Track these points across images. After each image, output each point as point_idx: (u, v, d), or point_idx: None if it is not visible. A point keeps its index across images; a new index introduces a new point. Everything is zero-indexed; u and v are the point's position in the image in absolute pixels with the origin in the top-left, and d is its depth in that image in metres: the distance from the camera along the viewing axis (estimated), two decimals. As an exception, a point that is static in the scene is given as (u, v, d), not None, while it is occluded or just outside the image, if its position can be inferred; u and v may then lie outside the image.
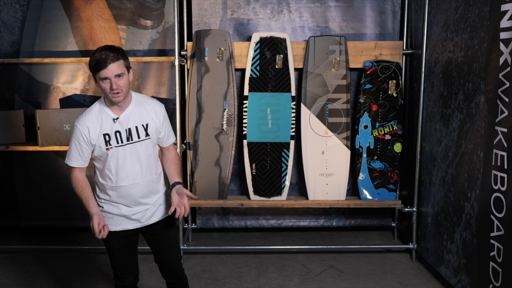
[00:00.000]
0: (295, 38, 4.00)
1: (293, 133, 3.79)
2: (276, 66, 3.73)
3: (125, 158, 2.26)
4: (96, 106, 2.28)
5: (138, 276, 2.52)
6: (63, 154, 4.15)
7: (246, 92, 3.75)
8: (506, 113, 2.39)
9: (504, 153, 2.40)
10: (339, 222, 4.27)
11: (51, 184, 4.18)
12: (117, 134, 2.24)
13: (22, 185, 4.20)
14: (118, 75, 2.14)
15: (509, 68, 2.36)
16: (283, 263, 3.68)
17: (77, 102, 4.08)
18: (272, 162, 3.80)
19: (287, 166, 3.80)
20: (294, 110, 3.77)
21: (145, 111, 2.30)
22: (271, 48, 3.72)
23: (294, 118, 3.78)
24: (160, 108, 2.36)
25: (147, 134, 2.30)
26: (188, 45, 3.79)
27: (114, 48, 2.16)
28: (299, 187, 4.13)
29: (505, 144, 2.40)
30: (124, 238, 2.39)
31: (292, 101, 3.76)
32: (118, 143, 2.24)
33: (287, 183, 3.82)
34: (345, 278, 3.42)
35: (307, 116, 3.78)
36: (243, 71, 3.87)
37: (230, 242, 4.11)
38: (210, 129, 3.74)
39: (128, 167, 2.28)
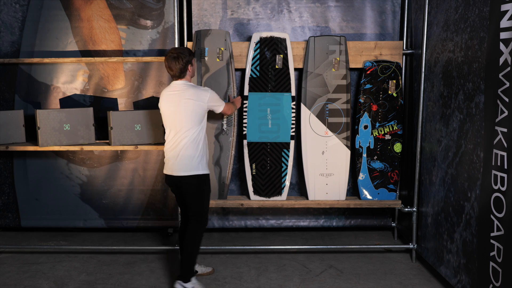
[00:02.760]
0: (295, 38, 4.00)
1: (293, 133, 3.79)
2: (276, 66, 3.73)
3: None
4: (194, 83, 3.34)
5: None
6: (63, 154, 4.16)
7: (246, 92, 3.75)
8: (506, 113, 2.39)
9: (504, 153, 2.40)
10: (339, 222, 4.26)
11: (51, 184, 4.18)
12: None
13: (22, 185, 4.20)
14: None
15: (509, 68, 2.36)
16: (283, 263, 3.68)
17: (77, 102, 4.08)
18: (272, 162, 3.80)
19: (287, 166, 3.80)
20: (294, 110, 3.77)
21: None
22: (271, 48, 3.72)
23: (294, 118, 3.78)
24: None
25: None
26: (188, 45, 3.79)
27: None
28: (299, 187, 4.13)
29: (505, 144, 2.40)
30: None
31: (292, 101, 3.76)
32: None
33: (287, 183, 3.82)
34: (345, 278, 3.42)
35: (307, 116, 3.78)
36: (243, 71, 3.87)
37: (230, 242, 4.11)
38: (210, 129, 3.73)
39: None
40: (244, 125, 3.77)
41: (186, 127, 3.03)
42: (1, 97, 4.08)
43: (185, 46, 3.80)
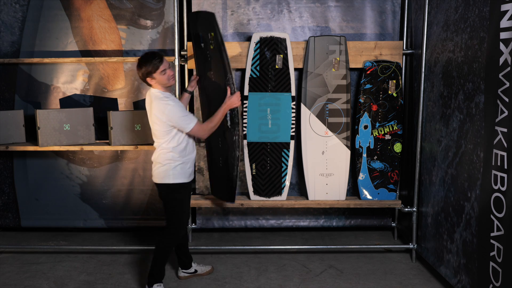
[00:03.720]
0: (295, 38, 4.00)
1: (293, 133, 3.79)
2: (276, 66, 3.73)
3: None
4: (162, 93, 2.94)
5: None
6: (63, 154, 4.16)
7: (246, 92, 3.75)
8: (506, 113, 2.39)
9: (504, 153, 2.40)
10: (339, 222, 4.26)
11: (51, 184, 4.18)
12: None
13: (22, 185, 4.20)
14: (169, 65, 2.98)
15: (509, 68, 2.36)
16: (283, 263, 3.68)
17: (77, 102, 4.08)
18: (272, 162, 3.80)
19: (287, 166, 3.80)
20: (294, 110, 3.77)
21: None
22: (271, 48, 3.72)
23: (294, 118, 3.78)
24: None
25: None
26: (188, 45, 3.79)
27: (151, 51, 3.00)
28: (299, 187, 4.13)
29: (505, 144, 2.40)
30: (190, 191, 3.16)
31: (292, 101, 3.76)
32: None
33: (287, 183, 3.82)
34: (345, 278, 3.42)
35: (307, 116, 3.78)
36: (243, 71, 3.87)
37: (230, 242, 4.11)
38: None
39: None
40: (244, 125, 3.77)
41: (157, 137, 3.01)
42: (1, 97, 4.08)
43: (185, 46, 3.80)
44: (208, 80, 3.35)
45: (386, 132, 3.82)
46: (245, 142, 3.79)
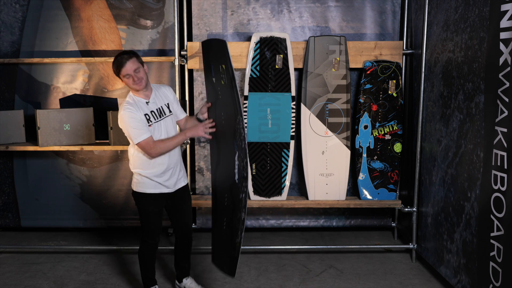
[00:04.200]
0: (295, 38, 4.00)
1: (293, 133, 3.79)
2: (276, 66, 3.73)
3: (163, 130, 2.84)
4: (130, 98, 2.80)
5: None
6: (63, 154, 4.15)
7: (246, 92, 3.75)
8: (506, 113, 2.39)
9: (504, 153, 2.40)
10: (339, 222, 4.26)
11: (51, 184, 4.18)
12: (152, 113, 2.82)
13: (22, 185, 4.20)
14: (136, 70, 2.72)
15: (509, 68, 2.36)
16: (283, 263, 3.68)
17: (77, 102, 4.08)
18: (272, 162, 3.80)
19: (287, 166, 3.80)
20: (294, 110, 3.77)
21: (163, 94, 2.93)
22: (271, 48, 3.72)
23: (294, 118, 3.78)
24: (171, 89, 3.01)
25: (170, 111, 2.92)
26: (188, 45, 3.79)
27: (127, 51, 2.77)
28: (299, 187, 4.13)
29: (505, 144, 2.40)
30: (160, 203, 2.92)
31: (292, 101, 3.76)
32: (155, 119, 2.82)
33: (287, 183, 3.82)
34: (345, 278, 3.42)
35: (307, 116, 3.78)
36: (243, 71, 3.87)
37: (230, 242, 4.10)
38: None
39: (164, 136, 2.84)
40: (244, 125, 3.77)
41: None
42: (1, 97, 4.08)
43: (185, 46, 3.80)
44: (218, 119, 2.90)
45: (386, 132, 3.82)
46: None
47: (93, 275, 3.48)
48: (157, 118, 2.82)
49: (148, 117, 2.78)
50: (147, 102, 2.81)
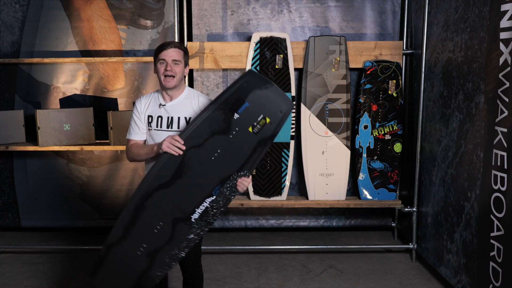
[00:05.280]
0: (295, 38, 4.00)
1: (293, 133, 3.79)
2: (276, 66, 3.73)
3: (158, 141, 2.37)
4: (154, 93, 2.48)
5: None
6: (63, 154, 4.15)
7: (246, 92, 3.74)
8: (506, 113, 2.39)
9: (504, 153, 2.40)
10: (339, 222, 4.26)
11: (51, 184, 4.18)
12: (159, 118, 2.40)
13: (22, 185, 4.20)
14: (175, 61, 2.34)
15: (509, 68, 2.36)
16: (283, 263, 3.68)
17: (77, 102, 4.08)
18: (272, 162, 3.80)
19: (287, 166, 3.80)
20: (294, 110, 3.77)
21: (190, 106, 2.41)
22: (271, 48, 3.72)
23: (294, 118, 3.78)
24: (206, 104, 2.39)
25: None
26: (188, 45, 3.79)
27: (179, 43, 2.46)
28: (299, 187, 4.13)
29: (505, 144, 2.40)
30: None
31: (292, 101, 3.76)
32: (157, 126, 2.41)
33: (287, 183, 3.82)
34: (345, 278, 3.42)
35: (307, 116, 3.78)
36: (243, 71, 3.87)
37: (230, 242, 4.11)
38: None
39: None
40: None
41: None
42: (1, 97, 4.08)
43: (185, 46, 3.80)
44: (206, 151, 2.28)
45: (386, 132, 3.82)
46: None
47: (93, 275, 3.47)
48: (160, 127, 2.41)
49: (150, 120, 2.42)
50: (161, 105, 2.41)
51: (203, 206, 2.30)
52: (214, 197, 2.30)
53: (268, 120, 2.29)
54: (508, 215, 2.37)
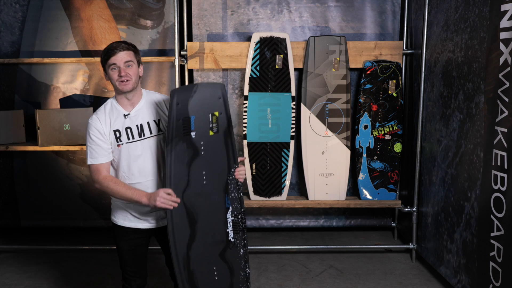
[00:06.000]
0: (295, 38, 4.00)
1: (293, 133, 3.79)
2: (276, 66, 3.73)
3: (137, 154, 2.23)
4: (108, 104, 2.28)
5: (146, 280, 2.48)
6: (63, 154, 4.15)
7: (246, 92, 3.75)
8: (506, 113, 2.39)
9: (504, 153, 2.40)
10: (339, 222, 4.26)
11: (51, 184, 4.18)
12: (128, 130, 2.23)
13: (22, 185, 4.20)
14: (127, 62, 2.17)
15: (509, 68, 2.36)
16: (283, 263, 3.68)
17: (77, 102, 4.08)
18: (272, 162, 3.80)
19: (287, 166, 3.80)
20: (294, 110, 3.77)
21: (156, 107, 2.28)
22: (271, 48, 3.72)
23: (294, 118, 3.78)
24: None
25: (159, 130, 2.27)
26: (188, 45, 3.79)
27: (127, 42, 2.23)
28: (299, 187, 4.13)
29: (505, 144, 2.40)
30: (134, 239, 2.35)
31: (292, 101, 3.76)
32: (129, 139, 2.23)
33: (287, 183, 3.82)
34: (345, 278, 3.42)
35: (307, 116, 3.78)
36: (243, 71, 3.87)
37: (230, 242, 4.11)
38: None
39: (141, 163, 2.24)
40: (244, 125, 3.77)
41: None
42: (1, 97, 4.08)
43: (185, 46, 3.80)
44: (195, 182, 2.26)
45: (386, 132, 3.82)
46: (245, 142, 3.79)
47: (93, 275, 3.48)
48: (132, 138, 2.22)
49: (118, 135, 2.21)
50: (125, 115, 2.23)
51: (229, 221, 2.34)
52: (230, 207, 2.34)
53: (217, 113, 2.29)
54: (508, 215, 2.37)
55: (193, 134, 2.22)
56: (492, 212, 2.51)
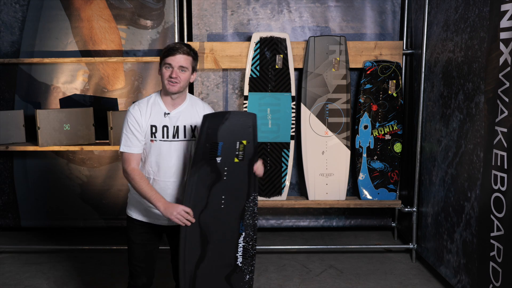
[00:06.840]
0: (295, 38, 4.00)
1: (293, 133, 3.79)
2: (276, 66, 3.73)
3: (167, 154, 2.29)
4: (152, 98, 2.33)
5: (153, 281, 2.48)
6: (63, 154, 4.15)
7: (246, 92, 3.75)
8: (506, 113, 2.39)
9: (504, 153, 2.40)
10: (339, 222, 4.26)
11: (51, 184, 4.18)
12: (165, 128, 2.29)
13: (22, 185, 4.19)
14: (182, 67, 2.22)
15: (509, 68, 2.36)
16: (283, 263, 3.68)
17: (77, 102, 4.08)
18: (272, 162, 3.80)
19: (287, 166, 3.80)
20: (294, 110, 3.77)
21: (196, 113, 2.34)
22: (271, 48, 3.72)
23: (294, 118, 3.78)
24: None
25: (193, 136, 2.33)
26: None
27: (190, 46, 2.28)
28: (299, 187, 4.13)
29: (505, 144, 2.40)
30: (146, 233, 2.39)
31: (292, 101, 3.76)
32: (163, 137, 2.28)
33: (287, 183, 3.82)
34: (345, 278, 3.42)
35: (307, 116, 3.78)
36: (243, 71, 3.87)
37: (230, 242, 4.10)
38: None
39: (168, 163, 2.29)
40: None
41: None
42: (1, 97, 4.08)
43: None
44: (213, 206, 2.32)
45: (386, 132, 3.82)
46: (244, 142, 3.78)
47: (93, 275, 3.47)
48: (166, 137, 2.28)
49: (154, 130, 2.27)
50: (166, 113, 2.29)
51: (240, 247, 2.40)
52: (243, 233, 2.39)
53: (245, 142, 2.33)
54: (508, 215, 2.38)
55: (218, 159, 2.27)
56: (492, 212, 2.51)
